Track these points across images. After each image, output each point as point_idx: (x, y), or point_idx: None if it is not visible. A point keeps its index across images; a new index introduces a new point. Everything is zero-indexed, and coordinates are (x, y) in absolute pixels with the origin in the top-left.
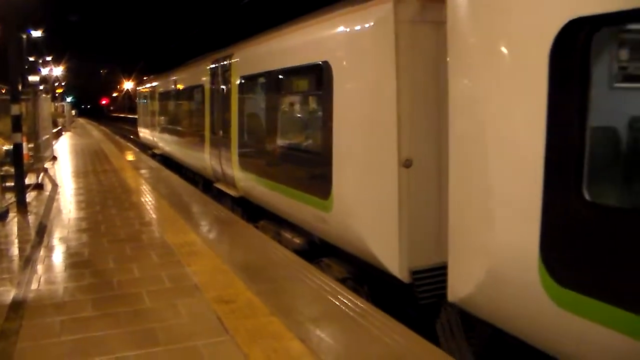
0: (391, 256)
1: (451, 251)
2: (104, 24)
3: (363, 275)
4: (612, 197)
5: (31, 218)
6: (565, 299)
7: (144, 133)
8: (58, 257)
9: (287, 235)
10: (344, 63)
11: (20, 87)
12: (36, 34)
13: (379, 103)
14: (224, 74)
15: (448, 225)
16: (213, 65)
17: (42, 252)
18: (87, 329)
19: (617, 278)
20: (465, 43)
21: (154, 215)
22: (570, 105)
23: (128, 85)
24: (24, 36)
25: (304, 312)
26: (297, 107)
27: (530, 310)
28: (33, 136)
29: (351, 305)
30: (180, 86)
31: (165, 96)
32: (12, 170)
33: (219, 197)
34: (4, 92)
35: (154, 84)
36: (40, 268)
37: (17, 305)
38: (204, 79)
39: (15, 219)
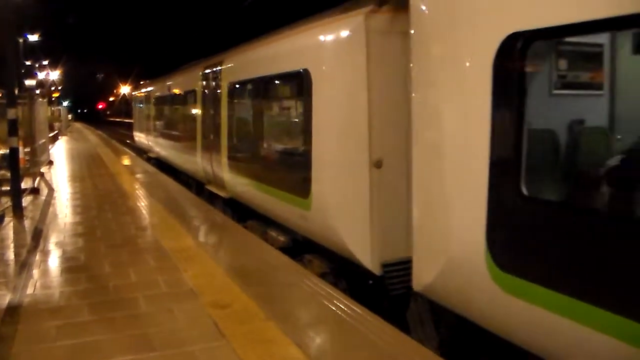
0: (364, 250)
1: (415, 244)
2: (101, 28)
3: (341, 270)
4: (547, 192)
5: (27, 222)
6: (508, 283)
7: (139, 137)
8: (54, 261)
9: (273, 233)
10: (322, 71)
11: (16, 91)
12: (33, 37)
13: (352, 108)
14: (214, 80)
15: (412, 220)
16: (204, 72)
17: (38, 257)
18: (83, 334)
19: (551, 263)
20: (424, 53)
21: (150, 220)
22: (509, 110)
23: (125, 89)
24: (21, 40)
25: (300, 317)
26: (280, 112)
27: (480, 294)
28: (29, 140)
29: (347, 310)
30: (173, 91)
31: (160, 101)
32: (8, 174)
33: (211, 199)
34: (0, 96)
35: (149, 89)
36: (36, 272)
37: (13, 310)
38: (196, 84)
39: (11, 224)
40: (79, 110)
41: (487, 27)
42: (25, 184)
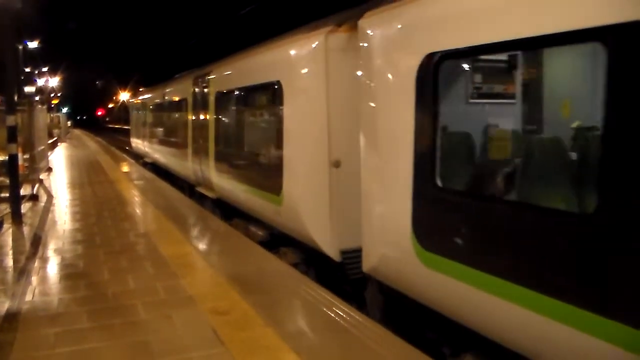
0: (325, 240)
1: (363, 232)
2: (100, 35)
3: (310, 260)
4: (455, 183)
5: (26, 229)
6: (429, 259)
7: (136, 143)
8: (53, 268)
9: (253, 229)
10: (290, 82)
11: (16, 98)
12: (32, 44)
13: (315, 115)
14: (203, 89)
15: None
16: (195, 81)
17: (36, 264)
18: (82, 341)
19: (460, 241)
20: (368, 67)
21: (149, 227)
22: (426, 115)
23: (124, 96)
24: (20, 47)
25: (299, 324)
26: (258, 119)
27: (409, 270)
28: (28, 147)
29: (346, 317)
30: (167, 99)
31: (154, 108)
32: (7, 181)
33: (202, 200)
34: None
35: (144, 96)
36: (34, 279)
37: (12, 317)
38: (187, 93)
39: (10, 230)
40: (78, 117)
41: (412, 48)
42: (24, 190)
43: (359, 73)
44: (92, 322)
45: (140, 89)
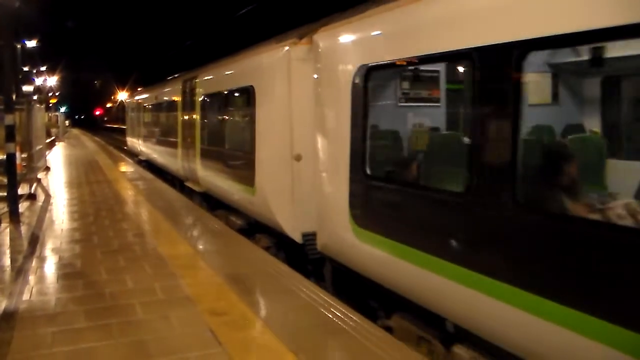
0: (289, 224)
1: (317, 215)
2: (99, 35)
3: (281, 245)
4: (379, 171)
5: (24, 228)
6: (362, 235)
7: (131, 142)
8: (50, 268)
9: (233, 218)
10: (261, 87)
11: (14, 97)
12: (31, 43)
13: (280, 115)
14: (191, 92)
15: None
16: (183, 84)
17: (34, 263)
18: (79, 341)
19: (383, 219)
20: (319, 75)
21: (147, 227)
22: (358, 115)
23: (122, 96)
24: (19, 46)
25: (297, 325)
26: (236, 119)
27: (348, 245)
28: (26, 146)
29: (344, 318)
30: (159, 101)
31: (147, 109)
32: (5, 180)
33: (191, 195)
34: None
35: (138, 97)
36: (32, 279)
37: (9, 316)
38: (176, 95)
39: (8, 229)
40: (77, 117)
41: (348, 60)
42: (22, 189)
43: (314, 79)
44: (90, 321)
45: (135, 90)
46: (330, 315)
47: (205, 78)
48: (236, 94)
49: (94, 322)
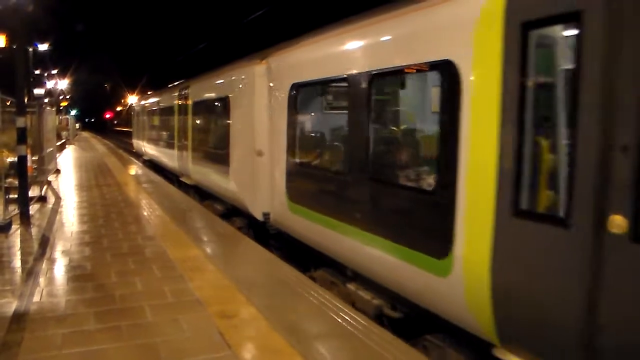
0: (253, 205)
1: (270, 197)
2: (109, 39)
3: (250, 225)
4: (304, 160)
5: (34, 230)
6: (293, 208)
7: (137, 143)
8: (60, 270)
9: (217, 205)
10: (233, 98)
11: (25, 100)
12: (43, 47)
13: (246, 120)
14: (185, 99)
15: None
16: (179, 92)
17: (44, 265)
18: (89, 343)
19: (304, 193)
20: (271, 89)
21: (156, 230)
22: (292, 121)
23: (132, 99)
24: (31, 49)
25: (306, 328)
26: (216, 123)
27: (287, 217)
28: (37, 149)
29: (353, 322)
30: (160, 106)
31: (150, 113)
32: (16, 182)
33: (187, 189)
34: (8, 104)
35: (143, 103)
36: (42, 280)
37: (19, 318)
38: (173, 101)
39: (18, 231)
40: (87, 120)
41: (287, 79)
42: (33, 192)
43: (268, 92)
44: (100, 323)
45: (144, 94)
46: (339, 320)
47: (196, 87)
48: (217, 103)
49: (104, 324)
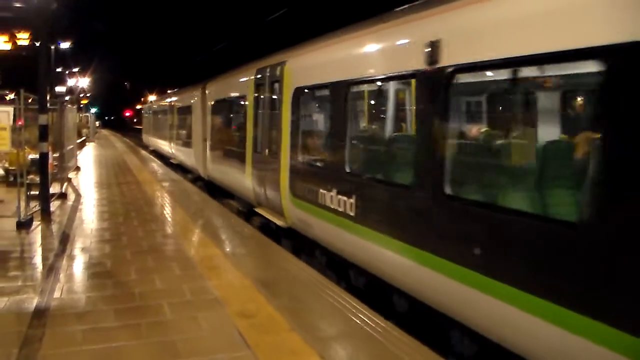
0: (201, 171)
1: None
2: (130, 37)
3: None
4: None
5: (54, 227)
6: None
7: (144, 137)
8: (80, 266)
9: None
10: (194, 108)
11: (47, 98)
12: (64, 45)
13: (201, 122)
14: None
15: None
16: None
17: (64, 261)
18: (109, 339)
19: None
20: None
21: (175, 228)
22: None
23: (152, 98)
24: (53, 47)
25: (324, 329)
26: (187, 122)
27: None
28: (58, 146)
29: (371, 324)
30: (177, 104)
31: (165, 112)
32: (37, 179)
33: (175, 169)
34: (30, 101)
35: (151, 104)
36: (62, 277)
37: (41, 313)
38: (163, 107)
39: (39, 228)
40: (107, 117)
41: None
42: (54, 189)
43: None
44: (119, 320)
45: (164, 93)
46: (357, 321)
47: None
48: (185, 109)
49: (123, 321)
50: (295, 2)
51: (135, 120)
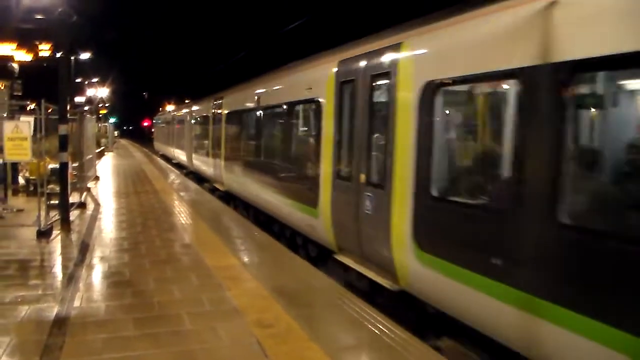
0: (190, 165)
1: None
2: (148, 48)
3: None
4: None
5: (74, 236)
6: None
7: (156, 144)
8: (100, 275)
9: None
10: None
11: (67, 108)
12: (84, 55)
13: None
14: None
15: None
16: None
17: (84, 270)
18: (128, 348)
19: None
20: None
21: (193, 238)
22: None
23: (170, 108)
24: (73, 58)
25: (343, 339)
26: (182, 129)
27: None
28: (78, 156)
29: (391, 335)
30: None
31: (159, 126)
32: (57, 188)
33: (192, 178)
34: (50, 111)
35: (161, 115)
36: (82, 286)
37: (61, 322)
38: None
39: (59, 237)
40: (125, 127)
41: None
42: (73, 198)
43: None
44: (138, 330)
45: (182, 103)
46: (375, 330)
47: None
48: (179, 121)
49: (142, 330)
50: (314, 11)
51: (153, 129)
